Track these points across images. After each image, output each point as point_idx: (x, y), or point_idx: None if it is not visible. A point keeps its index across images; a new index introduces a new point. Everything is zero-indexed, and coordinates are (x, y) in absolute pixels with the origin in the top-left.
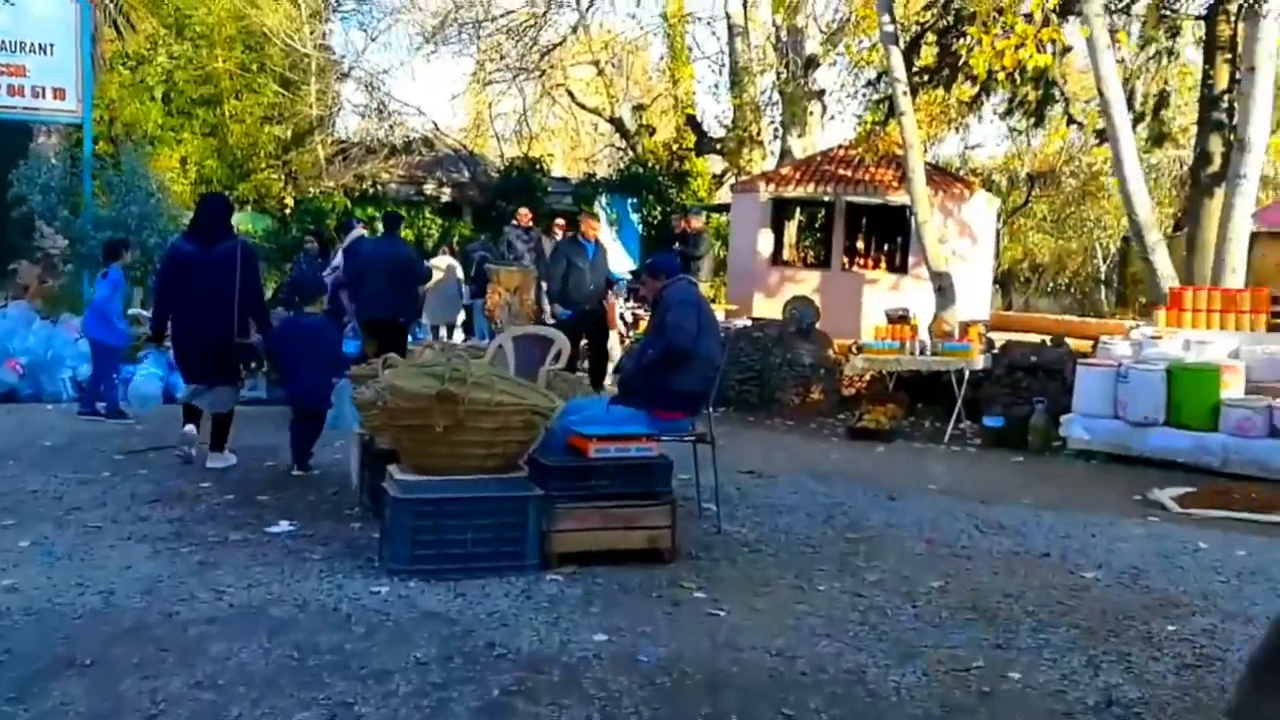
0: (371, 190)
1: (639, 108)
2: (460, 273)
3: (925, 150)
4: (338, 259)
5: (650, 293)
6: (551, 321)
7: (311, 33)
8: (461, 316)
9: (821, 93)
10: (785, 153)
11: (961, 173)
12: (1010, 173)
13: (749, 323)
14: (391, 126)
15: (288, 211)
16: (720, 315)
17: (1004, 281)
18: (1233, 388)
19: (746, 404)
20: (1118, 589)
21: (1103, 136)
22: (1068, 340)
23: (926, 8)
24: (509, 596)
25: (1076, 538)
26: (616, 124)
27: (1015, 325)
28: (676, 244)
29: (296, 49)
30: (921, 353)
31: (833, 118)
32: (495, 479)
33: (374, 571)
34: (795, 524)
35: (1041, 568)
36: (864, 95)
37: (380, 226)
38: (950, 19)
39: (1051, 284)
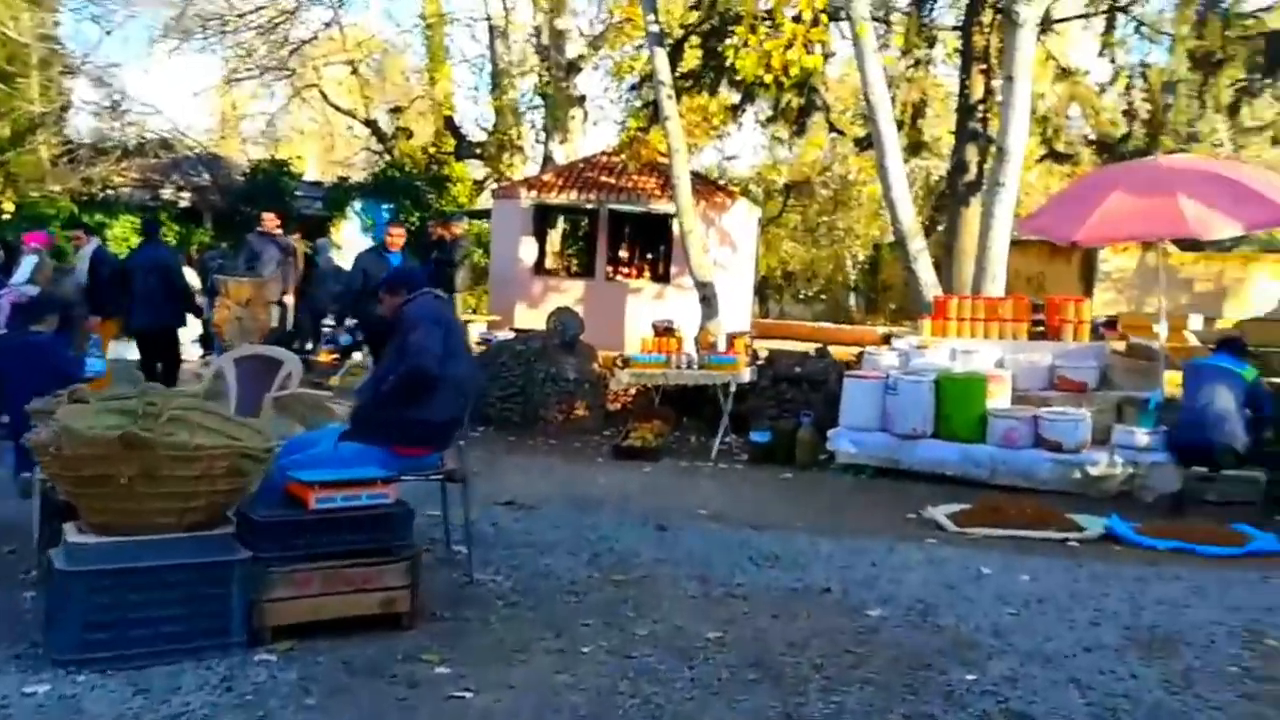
0: (101, 195)
1: (396, 110)
2: (199, 283)
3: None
4: (21, 272)
5: (389, 310)
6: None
7: (34, 22)
8: (198, 331)
9: (584, 98)
10: (548, 159)
11: (720, 183)
12: (766, 183)
13: (512, 334)
14: (126, 126)
15: (4, 217)
16: (482, 326)
17: (760, 290)
18: (999, 397)
19: (508, 423)
20: (907, 629)
21: (863, 144)
22: (830, 349)
23: (692, 8)
24: (205, 689)
25: (857, 568)
26: (372, 126)
27: (775, 333)
28: (434, 252)
29: (14, 39)
30: (688, 366)
31: (596, 123)
32: (192, 539)
33: (35, 662)
34: (558, 566)
35: (824, 607)
36: (627, 100)
37: (141, 234)
38: (716, 21)
39: (804, 292)
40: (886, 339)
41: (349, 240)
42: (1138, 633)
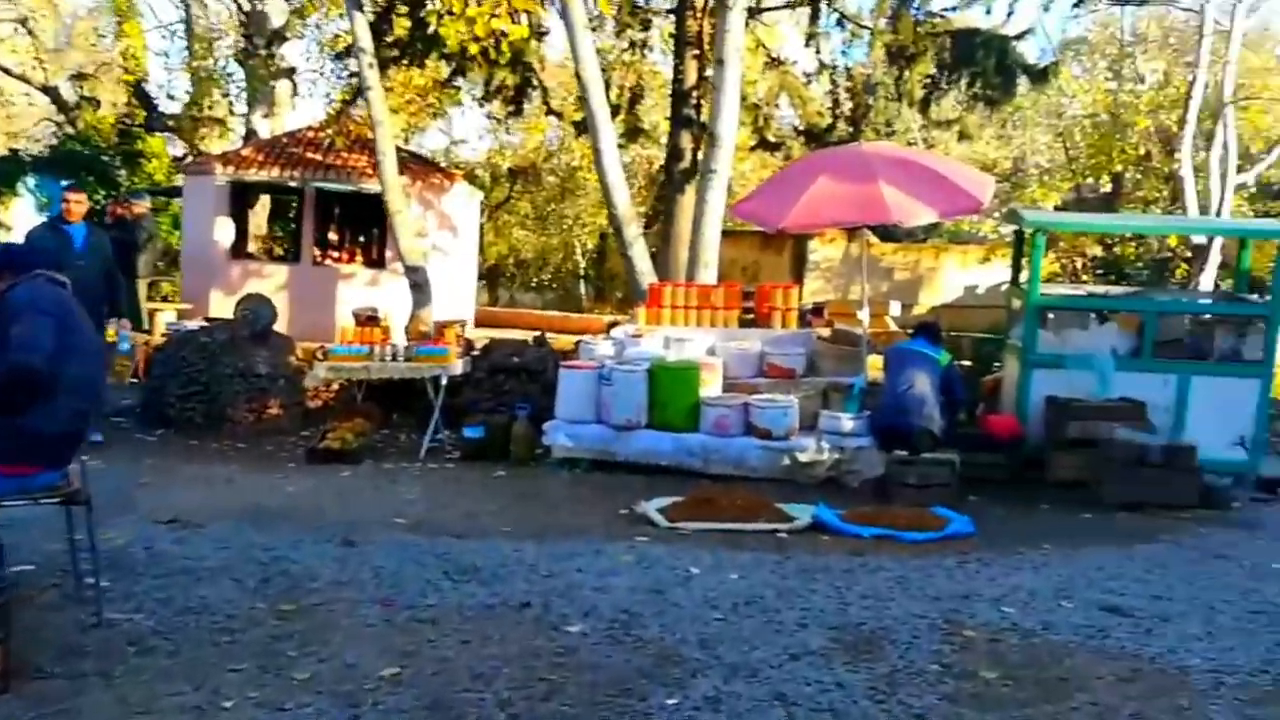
0: None
1: (80, 77)
2: None
3: (407, 140)
4: None
5: None
6: None
7: None
8: None
9: (293, 70)
10: (251, 134)
11: (446, 167)
12: (494, 168)
13: (202, 324)
14: None
15: None
16: (170, 315)
17: (490, 277)
18: (711, 385)
19: (190, 425)
20: (608, 646)
21: (581, 129)
22: (550, 338)
23: None
24: None
25: (561, 576)
26: (51, 94)
27: (502, 322)
28: (113, 233)
29: None
30: (394, 358)
31: (308, 96)
32: None
33: None
34: (216, 597)
35: (521, 626)
36: (335, 73)
37: None
38: None
39: (535, 279)
40: (611, 327)
41: (20, 220)
42: (844, 633)
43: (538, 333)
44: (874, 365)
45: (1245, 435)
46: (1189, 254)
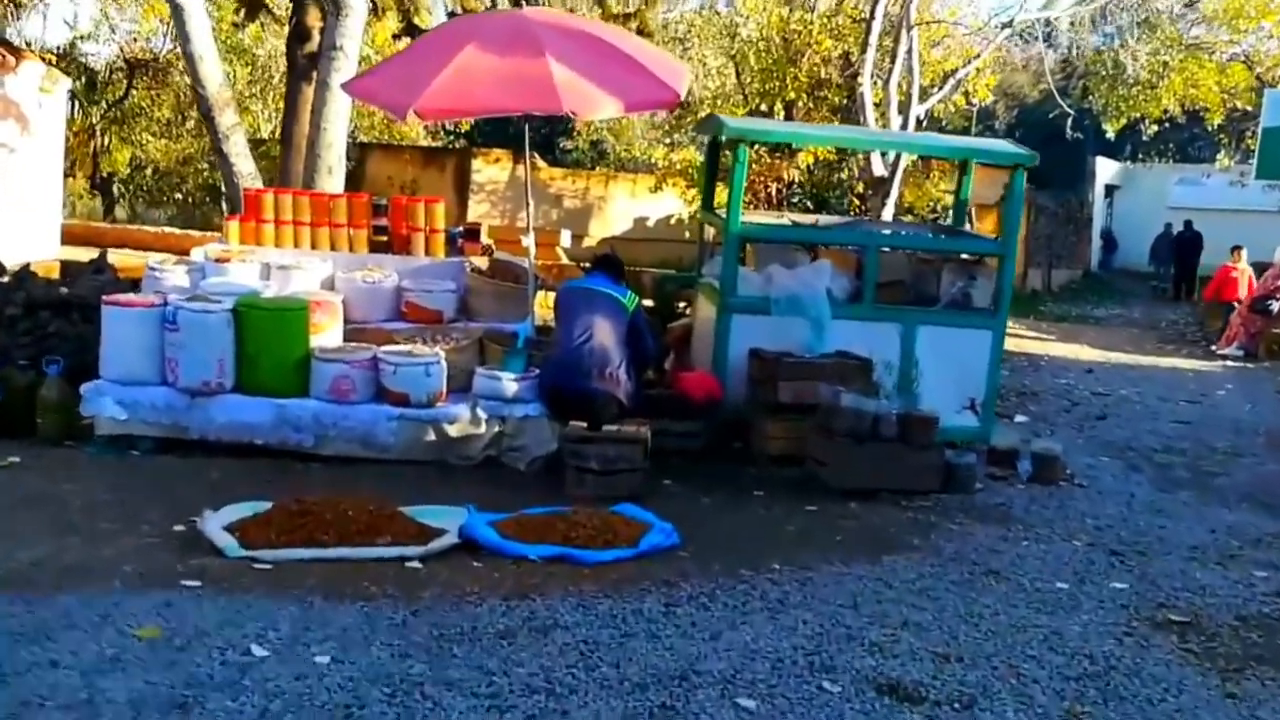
0: None
1: None
2: None
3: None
4: None
5: None
6: None
7: None
8: None
9: None
10: None
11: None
12: (106, 61)
13: None
14: None
15: None
16: None
17: (105, 189)
18: (328, 332)
19: None
20: None
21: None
22: (134, 259)
23: None
24: None
25: (15, 681)
26: None
27: (109, 239)
28: None
29: None
30: None
31: None
32: None
33: None
34: None
35: None
36: None
37: None
38: None
39: (170, 195)
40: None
41: None
42: None
43: (100, 252)
44: (543, 305)
45: (976, 398)
46: (861, 187)
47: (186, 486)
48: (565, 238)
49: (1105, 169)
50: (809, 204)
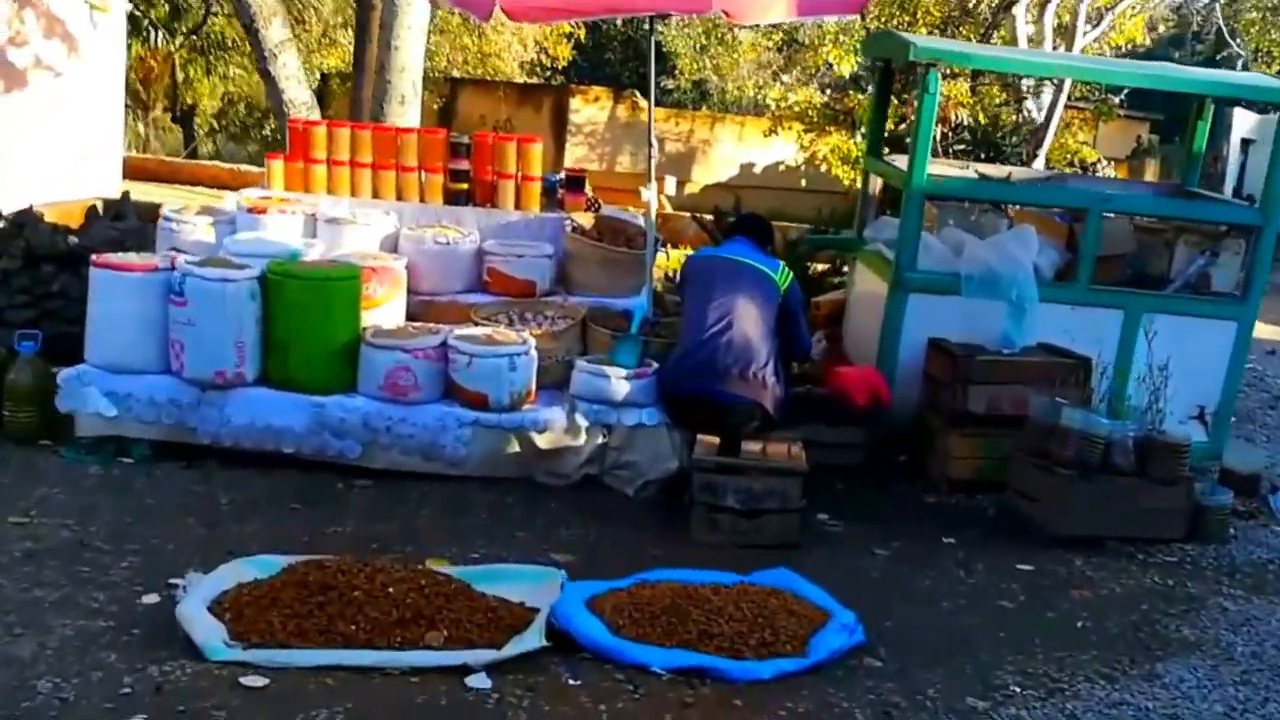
0: None
1: None
2: None
3: None
4: None
5: None
6: None
7: None
8: None
9: None
10: None
11: None
12: None
13: None
14: None
15: None
16: None
17: (187, 122)
18: (385, 308)
19: None
20: None
21: None
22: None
23: None
24: None
25: None
26: None
27: (183, 175)
28: None
29: None
30: None
31: None
32: None
33: None
34: None
35: None
36: None
37: None
38: None
39: (258, 132)
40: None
41: None
42: None
43: (122, 193)
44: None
45: (1206, 406)
46: (1001, 134)
47: (181, 517)
48: (670, 184)
49: (1242, 121)
50: (980, 153)
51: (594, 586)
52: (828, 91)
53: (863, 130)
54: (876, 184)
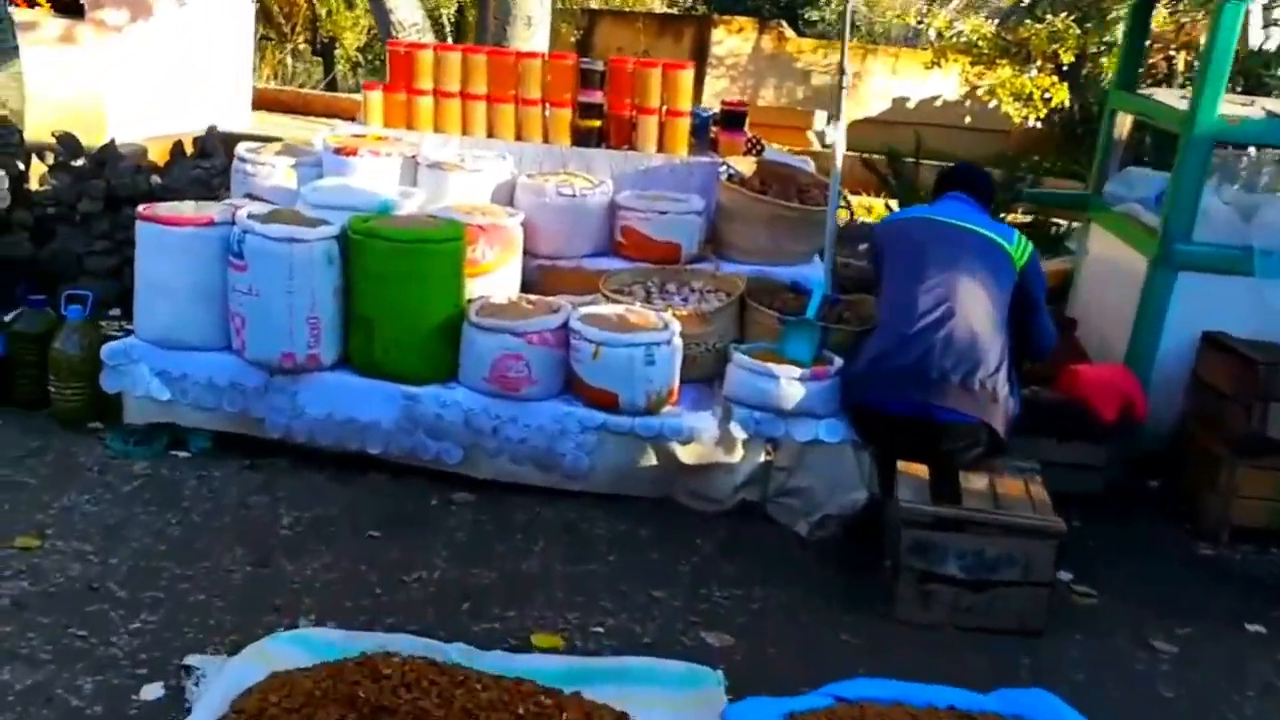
0: None
1: None
2: None
3: None
4: None
5: None
6: None
7: None
8: None
9: None
10: None
11: None
12: None
13: None
14: None
15: None
16: None
17: (328, 53)
18: (496, 275)
19: None
20: None
21: None
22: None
23: None
24: None
25: None
26: None
27: (316, 108)
28: None
29: None
30: None
31: None
32: None
33: None
34: None
35: None
36: None
37: None
38: None
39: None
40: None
41: None
42: None
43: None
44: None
45: None
46: (1265, 62)
47: (226, 546)
48: (819, 119)
49: None
50: (1234, 85)
51: (770, 707)
52: (996, 21)
53: (1037, 64)
54: (1124, 125)
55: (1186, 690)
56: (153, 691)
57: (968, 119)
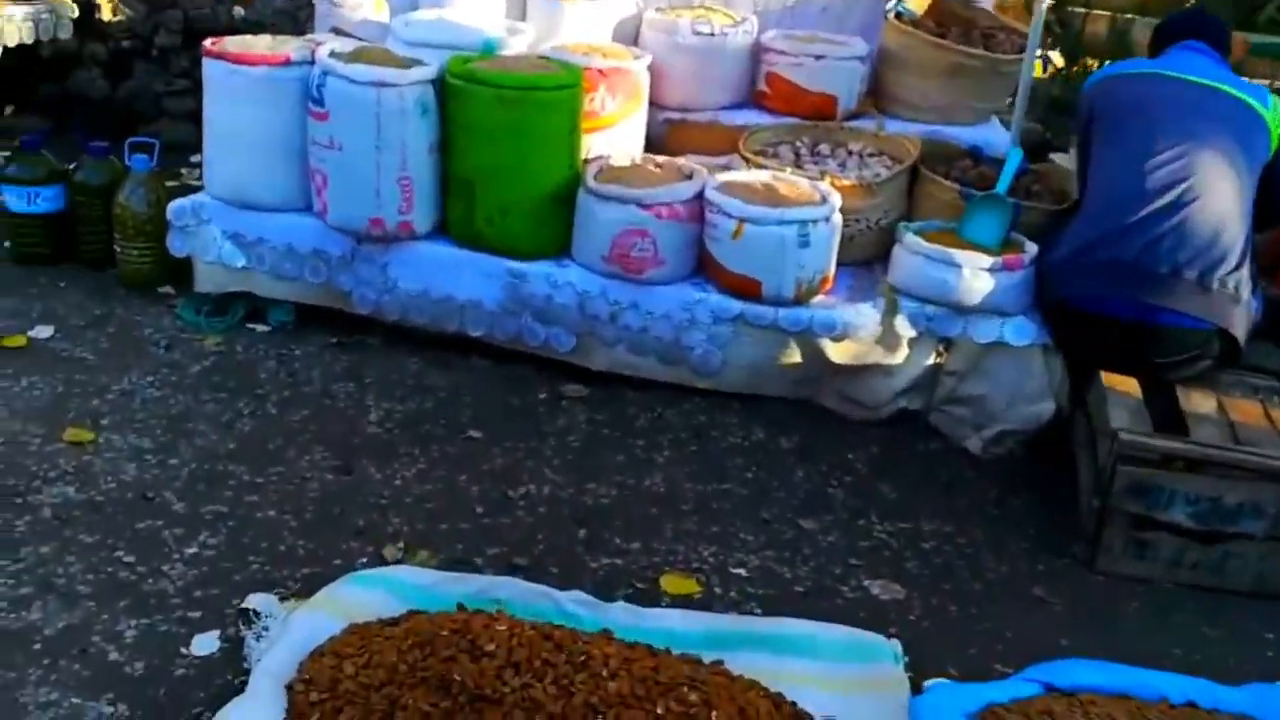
0: None
1: None
2: None
3: None
4: None
5: None
6: None
7: None
8: None
9: None
10: None
11: None
12: None
13: None
14: None
15: None
16: None
17: None
18: (617, 130)
19: None
20: None
21: None
22: None
23: None
24: None
25: None
26: None
27: None
28: None
29: None
30: None
31: None
32: None
33: None
34: None
35: None
36: None
37: None
38: None
39: None
40: None
41: None
42: None
43: None
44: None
45: None
46: None
47: (305, 446)
48: None
49: None
50: None
51: (963, 697)
52: None
53: None
54: None
55: None
56: (205, 644)
57: None
